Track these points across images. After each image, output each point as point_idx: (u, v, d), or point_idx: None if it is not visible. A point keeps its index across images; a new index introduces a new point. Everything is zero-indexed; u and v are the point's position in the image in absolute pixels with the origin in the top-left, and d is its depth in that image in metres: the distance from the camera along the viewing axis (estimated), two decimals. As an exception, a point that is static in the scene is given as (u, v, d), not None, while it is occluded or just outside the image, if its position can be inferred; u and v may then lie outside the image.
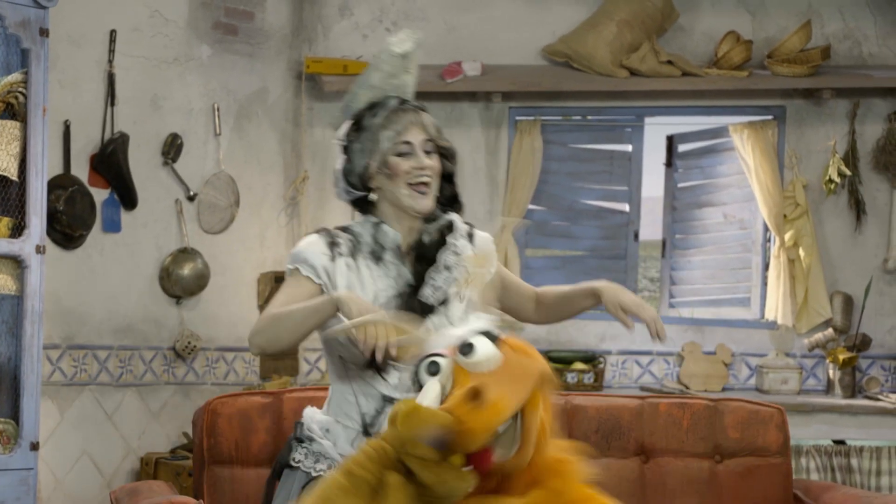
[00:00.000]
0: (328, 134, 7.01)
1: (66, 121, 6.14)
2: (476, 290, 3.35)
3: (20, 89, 5.32)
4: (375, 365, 3.20)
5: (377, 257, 3.30)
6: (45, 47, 5.34)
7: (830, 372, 6.98)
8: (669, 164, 7.43)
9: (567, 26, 7.10)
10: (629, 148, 7.26)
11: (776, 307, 7.01)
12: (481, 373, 2.73)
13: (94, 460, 6.22)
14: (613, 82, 6.95)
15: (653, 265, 10.97)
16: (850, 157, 7.08)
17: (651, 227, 7.81)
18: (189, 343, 6.47)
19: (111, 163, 6.26)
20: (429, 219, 3.36)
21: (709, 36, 7.15)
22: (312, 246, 3.29)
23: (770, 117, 7.15)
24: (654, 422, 4.68)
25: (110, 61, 6.29)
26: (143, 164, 6.42)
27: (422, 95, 6.97)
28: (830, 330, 7.01)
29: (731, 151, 7.21)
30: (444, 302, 3.29)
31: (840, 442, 6.69)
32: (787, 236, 7.04)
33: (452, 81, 6.93)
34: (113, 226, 6.31)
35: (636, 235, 7.26)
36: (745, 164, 7.08)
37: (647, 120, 7.25)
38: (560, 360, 6.94)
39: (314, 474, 3.24)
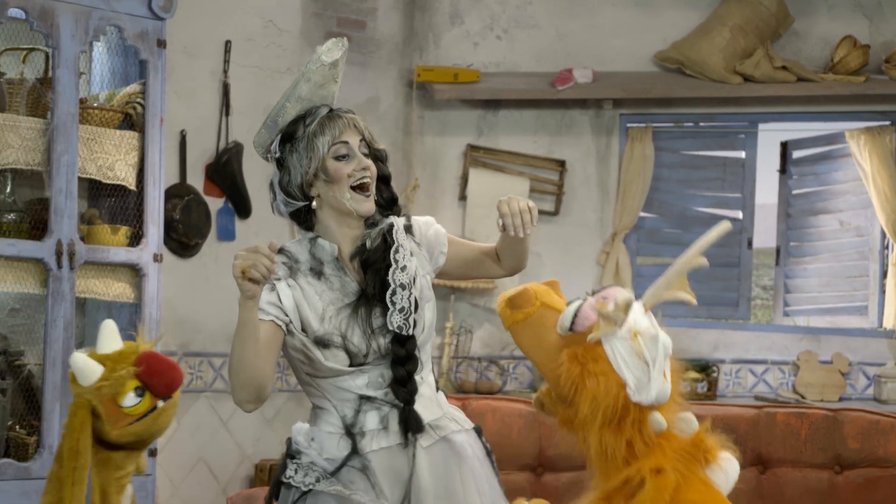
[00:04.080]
0: (439, 142, 7.03)
1: (182, 130, 6.22)
2: (425, 281, 3.33)
3: (138, 100, 5.41)
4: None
5: (317, 273, 3.26)
6: (163, 58, 5.43)
7: (951, 382, 6.84)
8: (783, 170, 7.33)
9: (678, 32, 7.05)
10: (742, 154, 7.19)
11: (895, 315, 6.89)
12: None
13: (209, 467, 6.28)
14: (726, 88, 6.88)
15: (765, 273, 10.83)
16: (971, 163, 6.94)
17: (765, 235, 7.72)
18: (302, 350, 6.52)
19: (226, 172, 6.33)
20: (369, 224, 3.31)
21: (824, 41, 7.05)
22: None
23: (887, 123, 7.02)
24: (771, 432, 4.62)
25: (225, 71, 6.36)
26: (256, 173, 6.48)
27: (532, 103, 7.04)
28: (951, 339, 6.89)
29: (847, 158, 7.10)
30: (415, 302, 3.26)
31: (961, 453, 6.56)
32: (906, 244, 6.92)
33: (563, 89, 6.90)
34: (227, 234, 6.38)
35: (750, 243, 7.18)
36: (862, 171, 6.96)
37: (761, 126, 7.17)
38: (673, 369, 6.88)
39: (304, 489, 3.24)
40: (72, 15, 5.16)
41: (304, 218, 3.34)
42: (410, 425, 3.22)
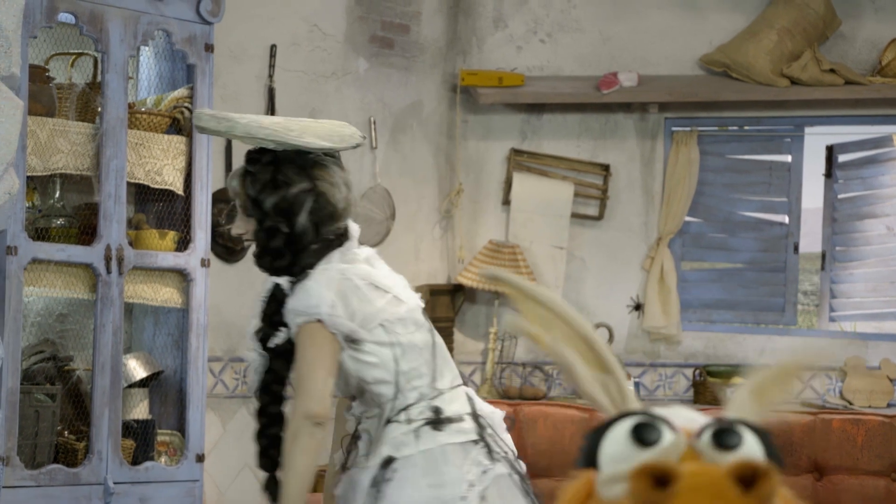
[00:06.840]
0: (482, 146, 7.00)
1: (228, 135, 6.21)
2: None
3: (186, 104, 5.40)
4: None
5: None
6: (210, 63, 5.42)
7: None
8: (829, 174, 7.26)
9: (724, 35, 7.00)
10: (788, 158, 7.12)
11: (945, 321, 6.82)
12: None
13: (254, 472, 6.24)
14: (773, 91, 6.83)
15: (807, 278, 10.76)
16: None
17: (810, 239, 7.66)
18: (346, 356, 6.50)
19: (271, 177, 6.31)
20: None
21: (872, 43, 6.99)
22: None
23: (936, 126, 6.96)
24: (827, 438, 4.58)
25: (270, 76, 6.35)
26: (301, 178, 6.46)
27: (576, 107, 7.00)
28: None
29: (894, 161, 7.03)
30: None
31: None
32: (955, 248, 6.85)
33: (608, 92, 6.87)
34: (272, 239, 6.36)
35: (796, 247, 7.13)
36: (910, 174, 6.90)
37: (808, 130, 7.10)
38: (718, 375, 6.83)
39: None
40: (121, 20, 5.16)
41: None
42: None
